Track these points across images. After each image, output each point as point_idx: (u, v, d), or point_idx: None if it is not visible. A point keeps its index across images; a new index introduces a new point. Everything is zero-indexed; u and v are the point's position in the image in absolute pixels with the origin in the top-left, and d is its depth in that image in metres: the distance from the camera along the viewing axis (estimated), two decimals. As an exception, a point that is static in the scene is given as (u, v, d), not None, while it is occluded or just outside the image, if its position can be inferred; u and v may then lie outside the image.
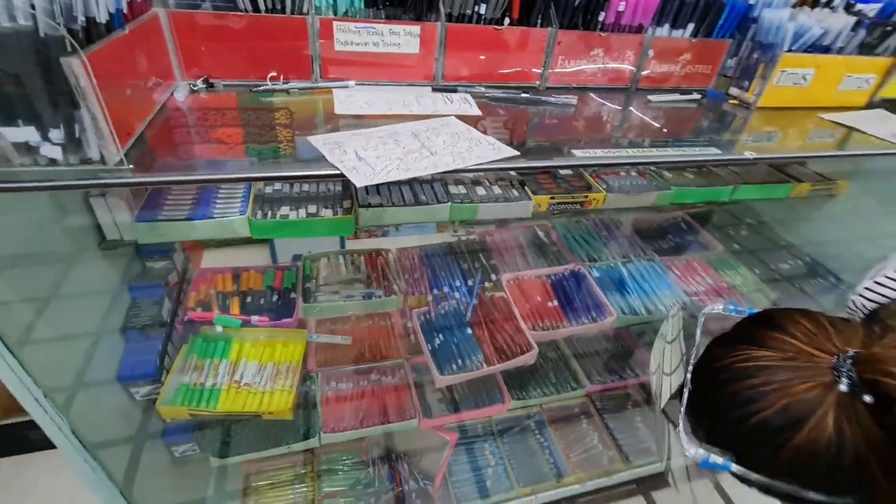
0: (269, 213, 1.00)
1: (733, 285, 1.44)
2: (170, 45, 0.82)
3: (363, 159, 0.66)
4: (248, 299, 1.23)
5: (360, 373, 1.41)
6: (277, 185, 1.07)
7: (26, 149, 0.54)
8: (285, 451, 1.24)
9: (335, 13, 0.89)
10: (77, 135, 0.55)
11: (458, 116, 0.86)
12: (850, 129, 1.03)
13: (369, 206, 1.02)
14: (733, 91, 1.11)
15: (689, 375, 0.51)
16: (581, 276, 1.41)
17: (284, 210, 1.00)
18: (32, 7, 0.48)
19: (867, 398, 0.40)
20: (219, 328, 1.12)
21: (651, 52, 1.07)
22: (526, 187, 1.16)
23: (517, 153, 0.73)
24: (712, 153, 0.83)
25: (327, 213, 1.01)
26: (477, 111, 0.90)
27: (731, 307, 0.58)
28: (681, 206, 1.73)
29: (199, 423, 1.20)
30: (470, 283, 1.35)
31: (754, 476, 0.47)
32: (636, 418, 1.80)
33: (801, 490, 0.45)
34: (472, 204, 1.07)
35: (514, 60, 1.02)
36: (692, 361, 0.52)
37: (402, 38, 0.95)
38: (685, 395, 0.50)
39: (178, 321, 1.16)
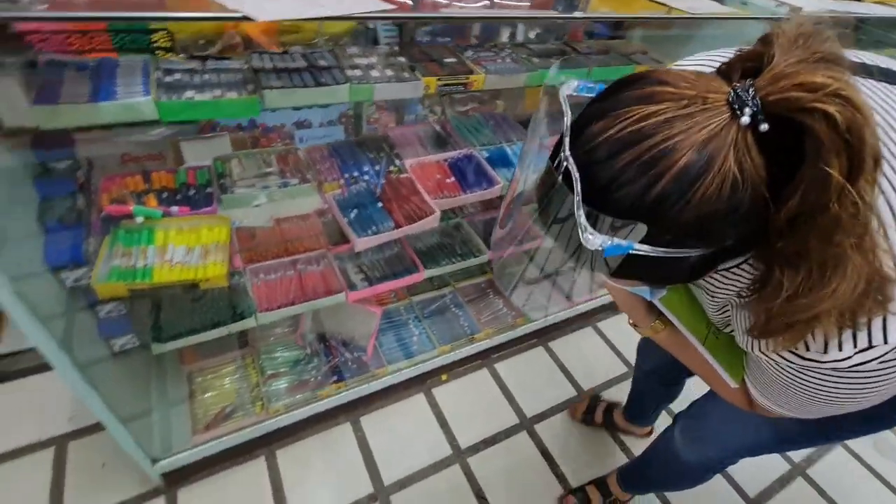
0: (175, 96, 1.05)
1: (596, 155, 1.75)
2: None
3: (260, 7, 0.77)
4: (164, 195, 1.27)
5: (286, 265, 1.53)
6: (178, 75, 1.12)
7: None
8: (224, 332, 1.35)
9: None
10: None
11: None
12: (665, 5, 1.31)
13: (272, 87, 1.12)
14: (578, -25, 1.33)
15: (572, 161, 0.44)
16: (473, 157, 1.62)
17: (189, 94, 1.07)
18: None
19: (764, 127, 0.40)
20: (139, 219, 1.17)
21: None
22: (416, 71, 1.31)
23: (397, 6, 0.88)
24: (553, 13, 1.05)
25: (232, 94, 1.09)
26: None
27: (582, 85, 0.52)
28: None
29: (134, 313, 1.27)
30: (377, 167, 1.50)
31: (652, 249, 0.44)
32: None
33: (695, 249, 0.45)
34: (368, 85, 1.21)
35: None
36: (568, 146, 0.45)
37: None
38: (576, 184, 0.44)
39: (94, 220, 1.19)
